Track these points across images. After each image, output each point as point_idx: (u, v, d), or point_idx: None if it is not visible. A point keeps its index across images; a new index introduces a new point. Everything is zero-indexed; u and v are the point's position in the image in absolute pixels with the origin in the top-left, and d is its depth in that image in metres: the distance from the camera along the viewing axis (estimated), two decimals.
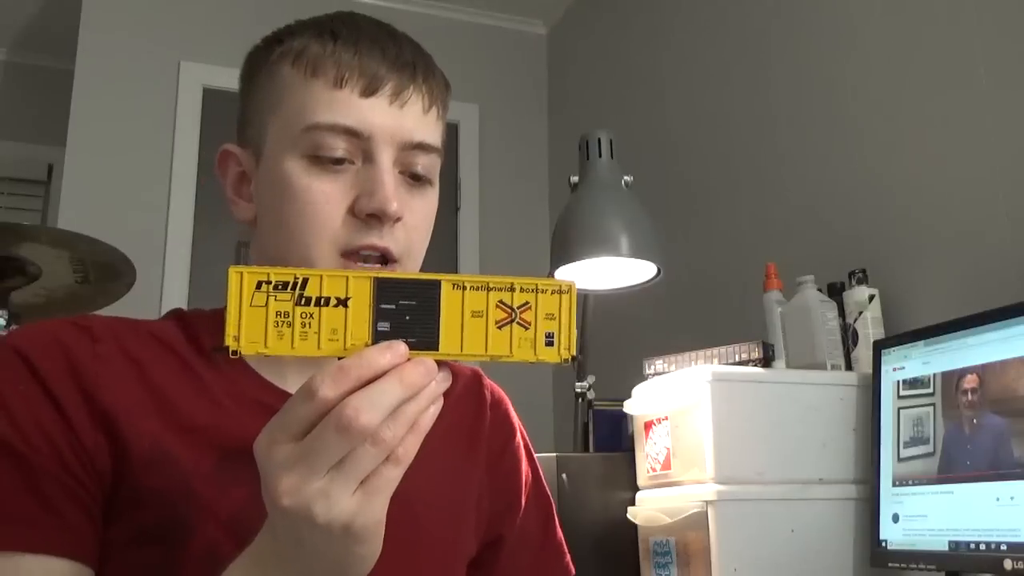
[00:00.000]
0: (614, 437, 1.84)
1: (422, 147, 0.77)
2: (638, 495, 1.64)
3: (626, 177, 1.84)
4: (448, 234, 3.29)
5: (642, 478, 1.63)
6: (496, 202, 3.43)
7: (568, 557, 0.94)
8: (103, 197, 2.93)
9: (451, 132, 3.49)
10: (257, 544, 0.58)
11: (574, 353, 0.57)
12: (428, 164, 0.78)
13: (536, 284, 0.57)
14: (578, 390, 1.89)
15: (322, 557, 0.55)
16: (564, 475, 0.95)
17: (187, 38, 3.15)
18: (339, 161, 0.74)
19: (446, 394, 0.88)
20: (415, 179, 0.78)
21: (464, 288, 0.56)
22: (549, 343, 0.57)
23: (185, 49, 3.14)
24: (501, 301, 0.56)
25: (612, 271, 1.84)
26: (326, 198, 0.74)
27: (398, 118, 0.76)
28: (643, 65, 2.94)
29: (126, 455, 0.70)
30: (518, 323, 0.56)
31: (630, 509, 1.61)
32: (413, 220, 0.77)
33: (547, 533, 0.93)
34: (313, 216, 0.74)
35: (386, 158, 0.75)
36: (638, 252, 1.74)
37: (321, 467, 0.52)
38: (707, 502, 1.42)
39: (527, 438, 0.96)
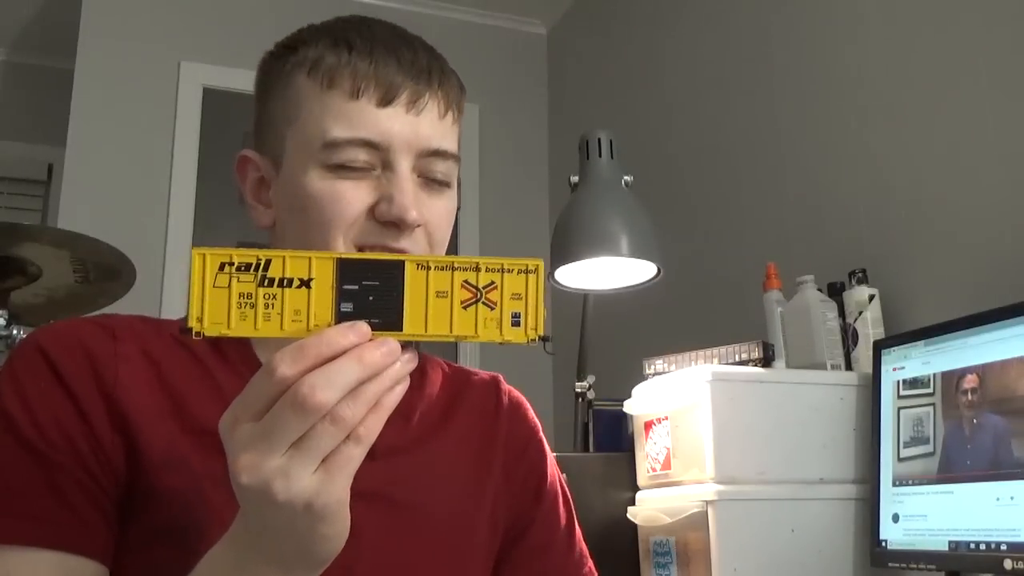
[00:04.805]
0: (614, 437, 1.84)
1: (439, 154, 0.78)
2: (638, 495, 1.64)
3: (626, 177, 1.84)
4: None
5: (642, 478, 1.63)
6: (496, 202, 3.43)
7: (591, 564, 0.93)
8: (103, 197, 2.93)
9: None
10: (233, 528, 0.59)
11: (542, 333, 0.56)
12: (446, 169, 0.79)
13: (502, 264, 0.55)
14: (578, 390, 1.89)
15: (288, 537, 0.55)
16: (564, 475, 0.95)
17: (187, 38, 3.15)
18: (359, 169, 0.75)
19: (461, 403, 0.88)
20: (433, 182, 0.78)
21: (428, 268, 0.55)
22: (516, 323, 0.55)
23: (185, 49, 3.14)
24: (466, 281, 0.55)
25: (612, 271, 1.84)
26: (346, 199, 0.74)
27: (415, 125, 0.76)
28: (643, 65, 2.94)
29: (141, 455, 0.71)
30: (483, 303, 0.55)
31: (630, 509, 1.62)
32: (433, 221, 0.77)
33: (572, 537, 0.93)
34: (332, 215, 0.74)
35: (405, 166, 0.75)
36: (638, 252, 1.74)
37: (280, 445, 0.52)
38: (707, 502, 1.42)
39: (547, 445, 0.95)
